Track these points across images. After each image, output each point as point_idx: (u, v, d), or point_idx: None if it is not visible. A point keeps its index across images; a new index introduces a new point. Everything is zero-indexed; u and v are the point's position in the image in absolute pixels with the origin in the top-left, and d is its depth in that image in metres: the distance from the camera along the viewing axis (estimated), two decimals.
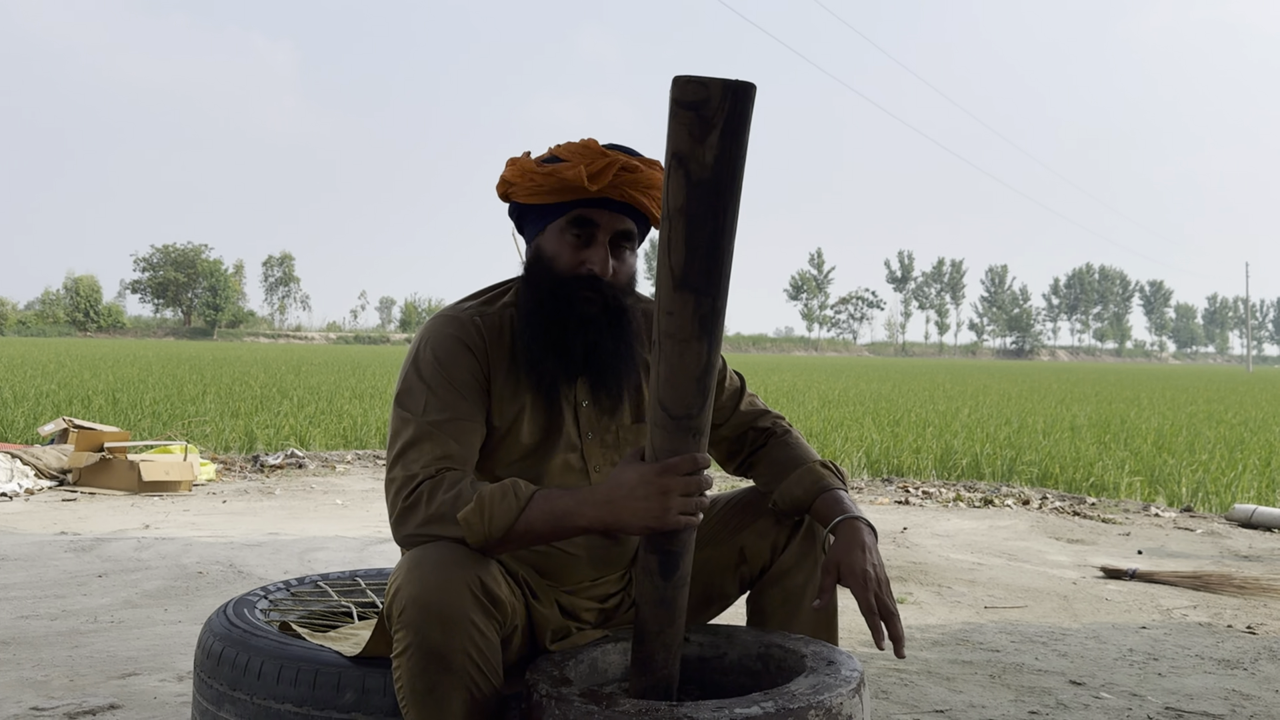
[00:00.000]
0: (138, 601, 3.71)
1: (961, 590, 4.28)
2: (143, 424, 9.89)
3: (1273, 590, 4.34)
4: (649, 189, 1.77)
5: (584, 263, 1.78)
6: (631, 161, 1.75)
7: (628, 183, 1.75)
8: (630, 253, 1.83)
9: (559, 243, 1.79)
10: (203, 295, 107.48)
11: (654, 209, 1.79)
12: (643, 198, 1.77)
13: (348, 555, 4.64)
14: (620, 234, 1.80)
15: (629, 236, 1.81)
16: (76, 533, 5.00)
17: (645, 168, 1.76)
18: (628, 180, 1.74)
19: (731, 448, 2.00)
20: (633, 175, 1.74)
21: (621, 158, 1.74)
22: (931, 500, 7.10)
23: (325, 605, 2.36)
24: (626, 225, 1.80)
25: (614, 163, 1.73)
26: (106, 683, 2.80)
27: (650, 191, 1.77)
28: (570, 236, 1.79)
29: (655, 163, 1.78)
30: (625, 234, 1.80)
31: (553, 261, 1.79)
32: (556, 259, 1.79)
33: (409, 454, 1.66)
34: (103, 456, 6.45)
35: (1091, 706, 2.83)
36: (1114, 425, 13.27)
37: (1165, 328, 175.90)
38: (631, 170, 1.74)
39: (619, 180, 1.74)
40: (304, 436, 9.41)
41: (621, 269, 1.81)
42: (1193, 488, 7.64)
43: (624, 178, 1.74)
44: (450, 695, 1.52)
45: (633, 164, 1.74)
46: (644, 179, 1.76)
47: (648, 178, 1.76)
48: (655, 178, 1.76)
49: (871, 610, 1.71)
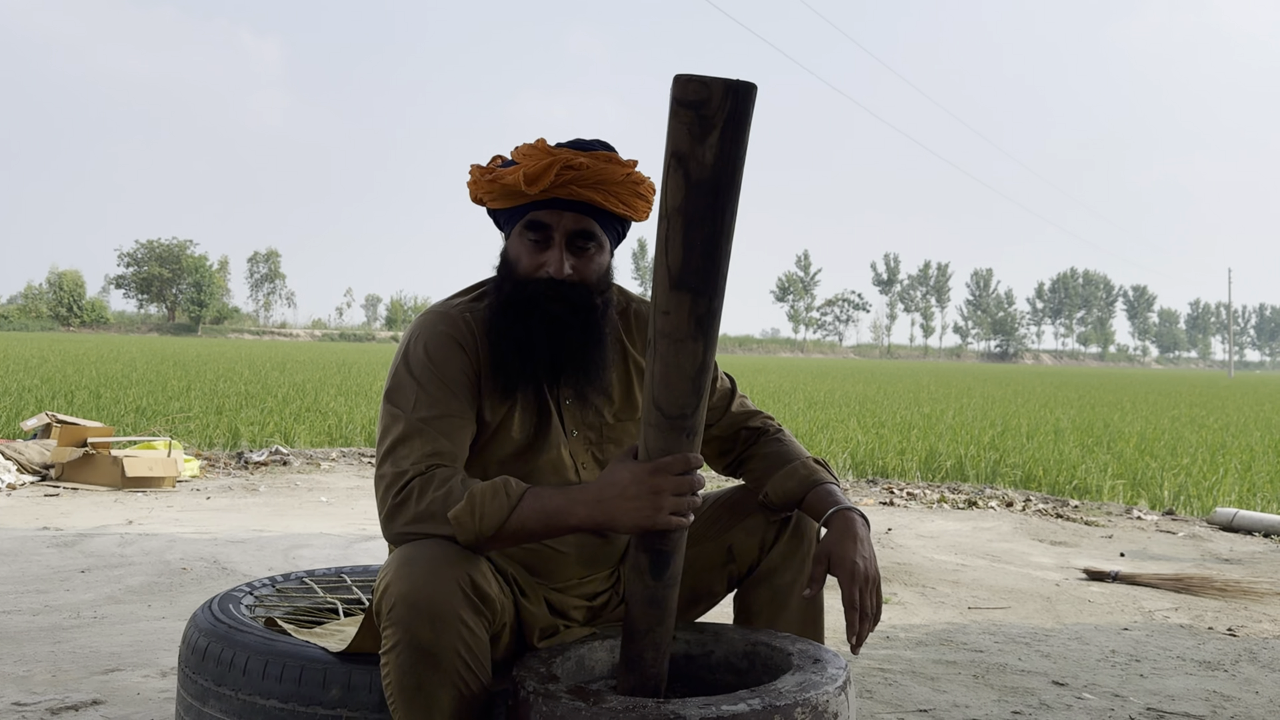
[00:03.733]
0: (121, 597, 3.69)
1: (945, 591, 4.30)
2: (126, 420, 9.83)
3: (1253, 593, 4.37)
4: (600, 184, 1.72)
5: (542, 265, 1.77)
6: (576, 159, 1.70)
7: (574, 180, 1.71)
8: (595, 250, 1.80)
9: (519, 246, 1.79)
10: (187, 291, 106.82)
11: (612, 204, 1.75)
12: (594, 194, 1.73)
13: (333, 552, 4.63)
14: (577, 233, 1.77)
15: (587, 235, 1.78)
16: (59, 528, 4.96)
17: (593, 163, 1.70)
18: (573, 178, 1.70)
19: (723, 447, 2.01)
20: (577, 173, 1.70)
21: (564, 155, 1.69)
22: (916, 502, 7.13)
23: (311, 601, 2.36)
24: (584, 225, 1.77)
25: (554, 163, 1.69)
26: (89, 678, 2.78)
27: (603, 187, 1.73)
28: (528, 240, 1.78)
29: (609, 156, 1.73)
30: (583, 233, 1.77)
31: (515, 265, 1.79)
32: (518, 262, 1.79)
33: (399, 450, 1.66)
34: (86, 452, 6.41)
35: (1074, 707, 2.84)
36: (1097, 429, 13.34)
37: (1148, 332, 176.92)
38: (575, 168, 1.70)
39: (563, 179, 1.70)
40: (289, 433, 9.37)
41: (585, 268, 1.78)
42: (1175, 491, 7.68)
43: (567, 175, 1.70)
44: (438, 692, 1.52)
45: (577, 161, 1.70)
46: (591, 175, 1.71)
47: (596, 173, 1.71)
48: (607, 172, 1.72)
49: (853, 605, 1.72)
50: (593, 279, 1.80)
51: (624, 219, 1.82)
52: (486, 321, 1.80)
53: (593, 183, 1.72)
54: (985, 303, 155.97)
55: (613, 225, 1.82)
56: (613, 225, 1.82)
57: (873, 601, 1.74)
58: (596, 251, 1.81)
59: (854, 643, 1.72)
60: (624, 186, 1.75)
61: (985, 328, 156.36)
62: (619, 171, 1.73)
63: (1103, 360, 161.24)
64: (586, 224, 1.78)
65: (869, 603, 1.73)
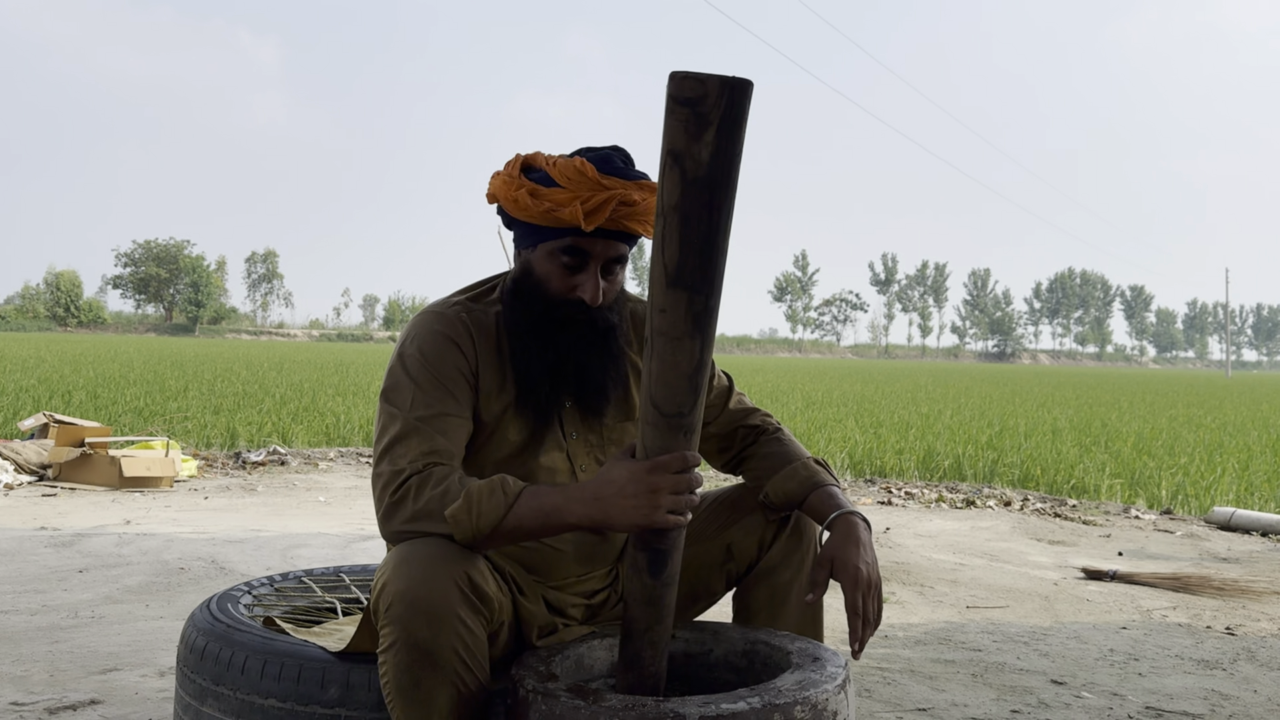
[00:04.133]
0: (119, 597, 3.69)
1: (944, 590, 4.30)
2: (124, 420, 9.82)
3: (1251, 592, 4.38)
4: (645, 217, 1.71)
5: (575, 288, 1.75)
6: (630, 195, 1.68)
7: (625, 215, 1.70)
8: (621, 270, 1.80)
9: (549, 265, 1.76)
10: (185, 291, 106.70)
11: (646, 231, 1.72)
12: (635, 225, 1.72)
13: (331, 552, 4.63)
14: (612, 259, 1.77)
15: (620, 260, 1.78)
16: (57, 528, 4.96)
17: (642, 199, 1.69)
18: (625, 214, 1.69)
19: (721, 444, 2.01)
20: (630, 209, 1.69)
21: (619, 190, 1.67)
22: (914, 501, 7.13)
23: (309, 601, 2.35)
24: (619, 251, 1.77)
25: (611, 199, 1.67)
26: (87, 678, 2.78)
27: (646, 219, 1.71)
28: (561, 262, 1.75)
29: (652, 186, 1.70)
30: (618, 259, 1.77)
31: (543, 283, 1.77)
32: (547, 281, 1.76)
33: (396, 449, 1.66)
34: (83, 452, 6.40)
35: (1073, 706, 2.85)
36: (1095, 428, 13.35)
37: (1145, 332, 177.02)
38: (629, 204, 1.69)
39: (616, 215, 1.69)
40: (286, 433, 9.36)
41: (612, 290, 1.79)
42: (1172, 490, 7.69)
43: (622, 212, 1.69)
44: (436, 691, 1.52)
45: (630, 198, 1.68)
46: (641, 210, 1.70)
47: (645, 209, 1.70)
48: (651, 203, 1.69)
49: (856, 611, 1.72)
50: (612, 299, 1.81)
51: None
52: (511, 337, 1.78)
53: (640, 216, 1.72)
54: (983, 303, 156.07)
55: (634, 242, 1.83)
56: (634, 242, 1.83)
57: (875, 606, 1.74)
58: (621, 271, 1.81)
59: (856, 648, 1.72)
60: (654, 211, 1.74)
61: (983, 328, 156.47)
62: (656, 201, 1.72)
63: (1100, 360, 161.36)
64: (621, 250, 1.77)
65: (871, 608, 1.74)
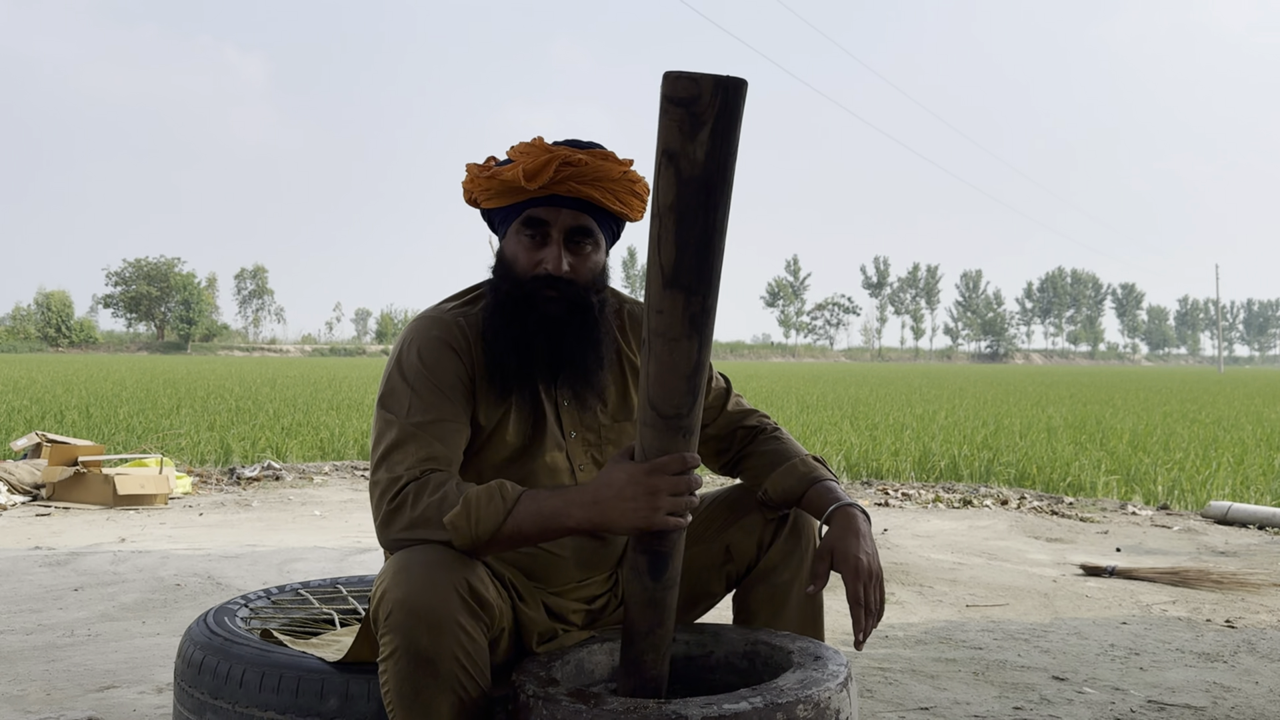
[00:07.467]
0: (115, 614, 3.67)
1: (943, 589, 4.30)
2: (117, 438, 9.78)
3: (1250, 584, 4.38)
4: (598, 181, 1.73)
5: (540, 262, 1.76)
6: (574, 155, 1.70)
7: (572, 177, 1.71)
8: (592, 248, 1.80)
9: (516, 244, 1.79)
10: (176, 309, 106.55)
11: (610, 202, 1.76)
12: (592, 190, 1.73)
13: (327, 566, 4.61)
14: (575, 230, 1.77)
15: (585, 232, 1.78)
16: (51, 547, 4.93)
17: (591, 160, 1.71)
18: (571, 174, 1.71)
19: (719, 445, 2.00)
20: (575, 169, 1.70)
21: (563, 152, 1.70)
22: (911, 502, 7.13)
23: (307, 613, 2.34)
24: (582, 221, 1.77)
25: (553, 159, 1.69)
26: (85, 696, 2.76)
27: (600, 184, 1.73)
28: (525, 237, 1.77)
29: (606, 154, 1.73)
30: (581, 229, 1.78)
31: (512, 263, 1.79)
32: (515, 261, 1.78)
33: (393, 456, 1.65)
34: (77, 471, 6.37)
35: (1075, 701, 2.84)
36: (1089, 426, 13.37)
37: (1137, 330, 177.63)
38: (574, 164, 1.70)
39: (561, 175, 1.70)
40: (281, 448, 9.33)
41: (582, 265, 1.79)
42: (1168, 486, 7.70)
43: (566, 171, 1.70)
44: (438, 698, 1.51)
45: (575, 157, 1.70)
46: (589, 171, 1.71)
47: (594, 170, 1.72)
48: (605, 169, 1.72)
49: (858, 601, 1.72)
50: (589, 277, 1.80)
51: (619, 217, 1.83)
52: (483, 321, 1.79)
53: (591, 179, 1.73)
54: (975, 304, 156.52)
55: (608, 224, 1.83)
56: (608, 224, 1.83)
57: (877, 596, 1.74)
58: (593, 249, 1.81)
59: (860, 638, 1.71)
60: (620, 184, 1.75)
61: (975, 329, 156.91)
62: (616, 169, 1.73)
63: (1093, 359, 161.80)
64: (584, 220, 1.78)
65: (873, 598, 1.73)
